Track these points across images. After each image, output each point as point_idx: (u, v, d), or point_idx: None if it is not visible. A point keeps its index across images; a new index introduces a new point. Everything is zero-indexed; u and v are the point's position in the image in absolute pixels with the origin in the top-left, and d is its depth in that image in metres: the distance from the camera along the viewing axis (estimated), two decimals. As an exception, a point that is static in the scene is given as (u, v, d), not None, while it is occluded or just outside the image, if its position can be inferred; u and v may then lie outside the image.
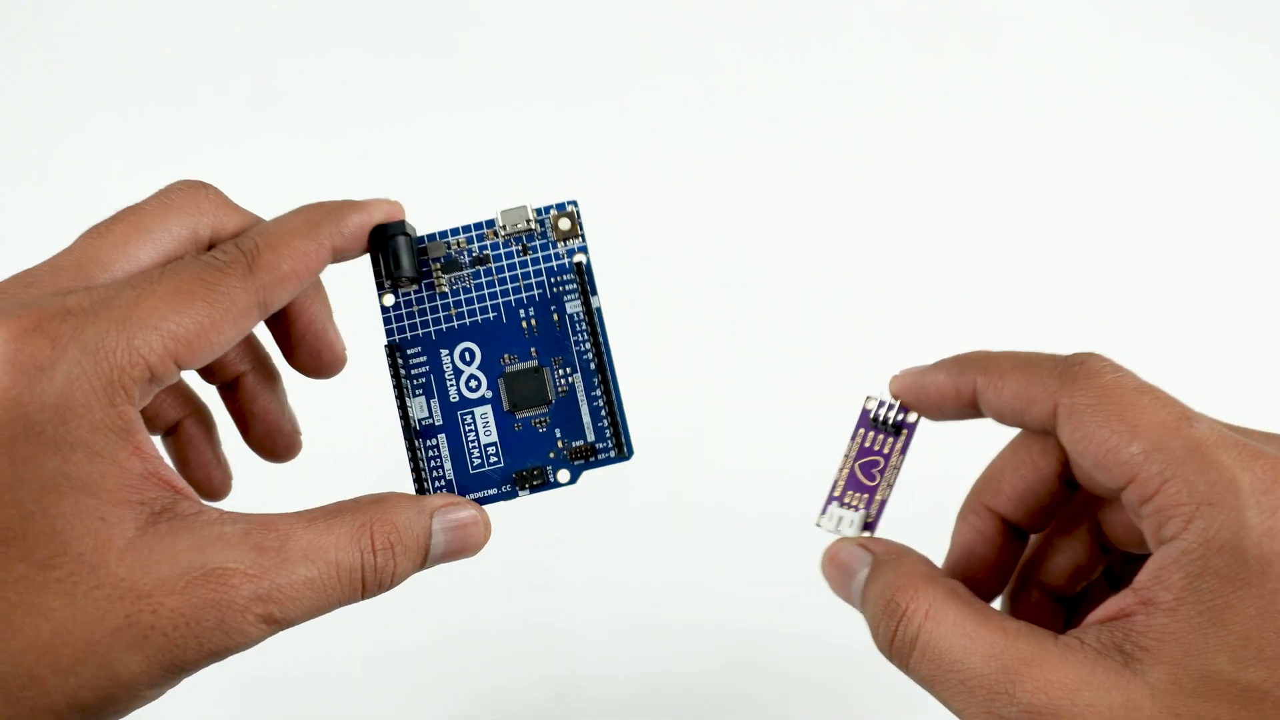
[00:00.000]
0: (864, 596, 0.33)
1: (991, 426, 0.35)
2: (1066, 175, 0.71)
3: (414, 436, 0.36)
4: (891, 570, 0.33)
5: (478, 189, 0.70)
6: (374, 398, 0.42)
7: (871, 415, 0.36)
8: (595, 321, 0.36)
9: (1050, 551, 0.36)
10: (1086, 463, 0.31)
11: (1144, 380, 0.31)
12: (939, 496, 0.41)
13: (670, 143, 0.72)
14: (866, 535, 0.36)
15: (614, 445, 0.36)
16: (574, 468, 0.36)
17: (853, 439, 0.36)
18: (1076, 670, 0.29)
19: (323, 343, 0.38)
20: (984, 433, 0.36)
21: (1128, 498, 0.30)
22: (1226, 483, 0.28)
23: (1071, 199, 0.70)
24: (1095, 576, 0.37)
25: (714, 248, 0.70)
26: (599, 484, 0.37)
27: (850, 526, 0.36)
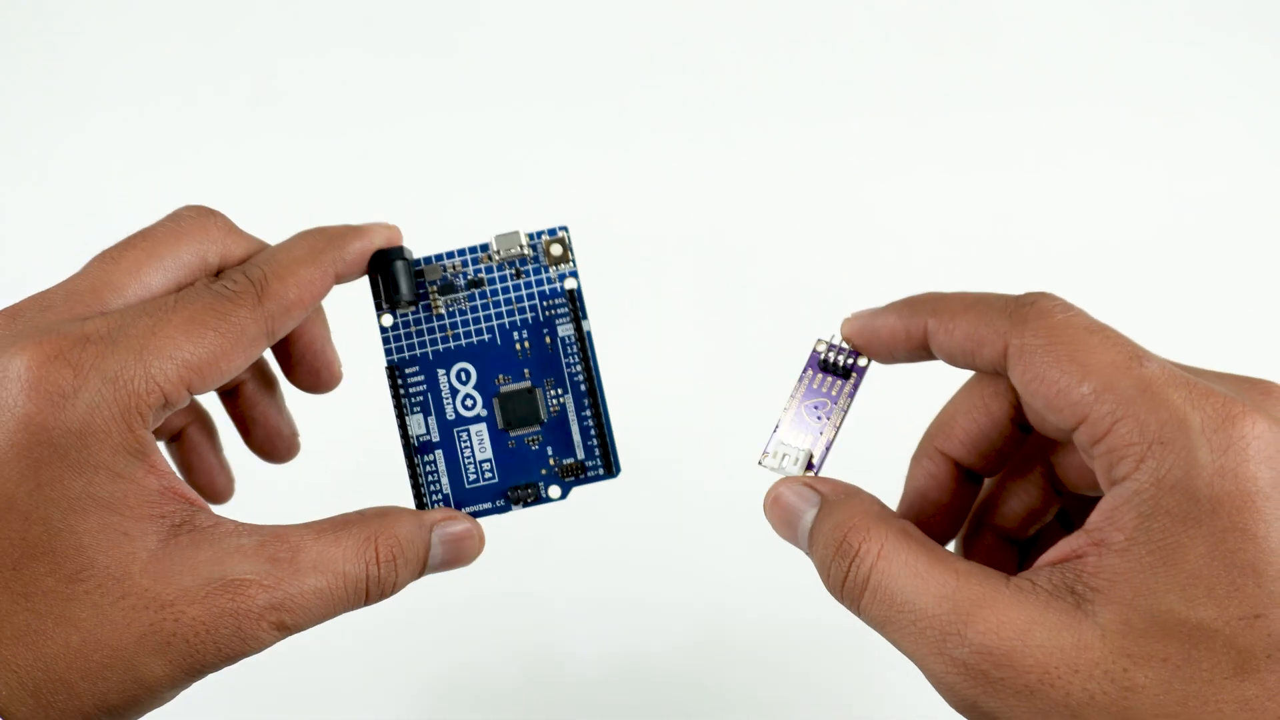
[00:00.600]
0: (812, 537, 0.33)
1: (945, 370, 0.34)
2: (1066, 175, 0.71)
3: (413, 452, 0.37)
4: (842, 510, 0.32)
5: (477, 189, 0.71)
6: (373, 411, 0.43)
7: (821, 358, 0.36)
8: (586, 345, 0.37)
9: (1003, 495, 0.36)
10: (1037, 404, 0.31)
11: (1095, 319, 0.31)
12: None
13: (668, 144, 0.73)
14: (811, 475, 0.35)
15: (603, 463, 0.37)
16: (564, 484, 0.37)
17: (800, 380, 0.36)
18: (1028, 611, 0.28)
19: (321, 362, 0.40)
20: (938, 377, 0.36)
21: (1079, 438, 0.30)
22: (1177, 422, 0.28)
23: (1071, 198, 0.71)
24: (1048, 519, 0.36)
25: (709, 251, 0.70)
26: (586, 492, 0.38)
27: (794, 465, 0.35)
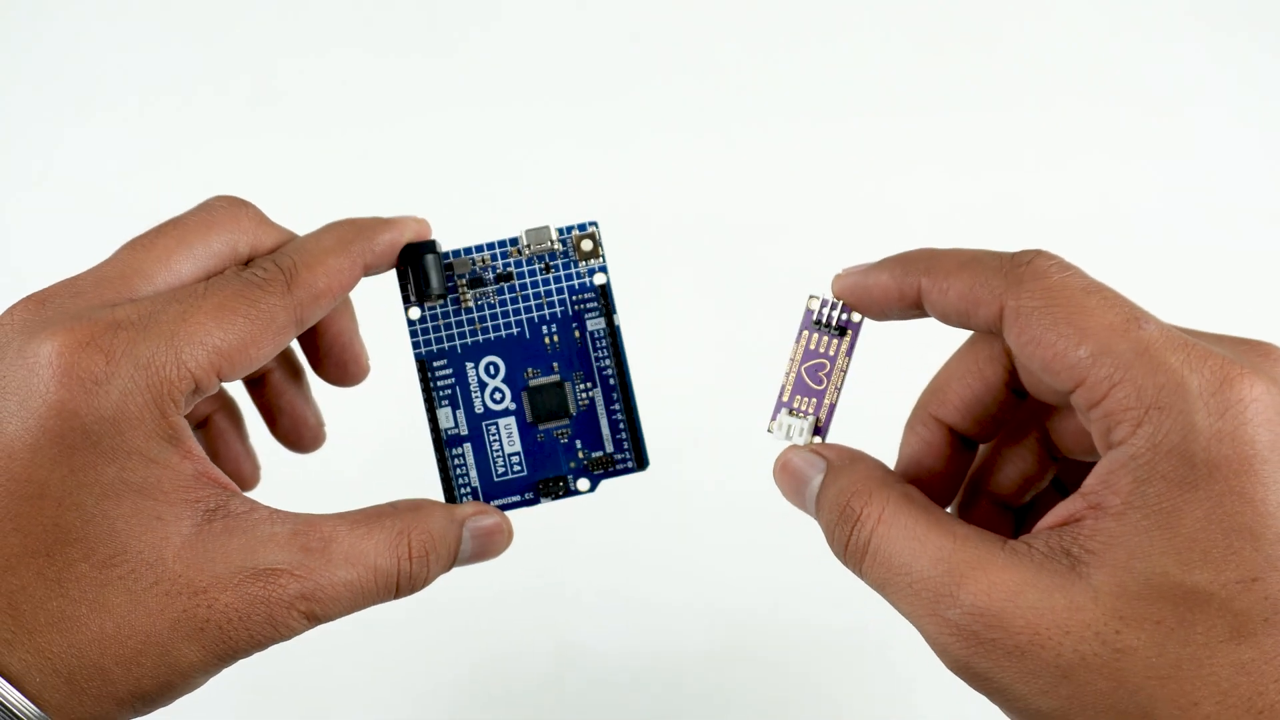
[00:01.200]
0: (818, 502, 0.33)
1: (942, 329, 0.34)
2: (1067, 173, 0.71)
3: (443, 446, 0.37)
4: (846, 475, 0.33)
5: (477, 189, 0.71)
6: (399, 403, 0.43)
7: (815, 316, 0.35)
8: (616, 339, 0.37)
9: (999, 461, 0.36)
10: (1034, 366, 0.30)
11: (1092, 279, 0.30)
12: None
13: (673, 141, 0.73)
14: (818, 441, 0.35)
15: (633, 456, 0.37)
16: (593, 477, 0.37)
17: (797, 342, 0.36)
18: (1021, 573, 0.29)
19: (349, 355, 0.40)
20: (934, 337, 0.36)
21: (1076, 401, 0.30)
22: (1175, 385, 0.28)
23: (1071, 197, 0.71)
24: (1044, 485, 0.36)
25: (735, 243, 0.70)
26: (613, 485, 0.38)
27: (800, 434, 0.35)
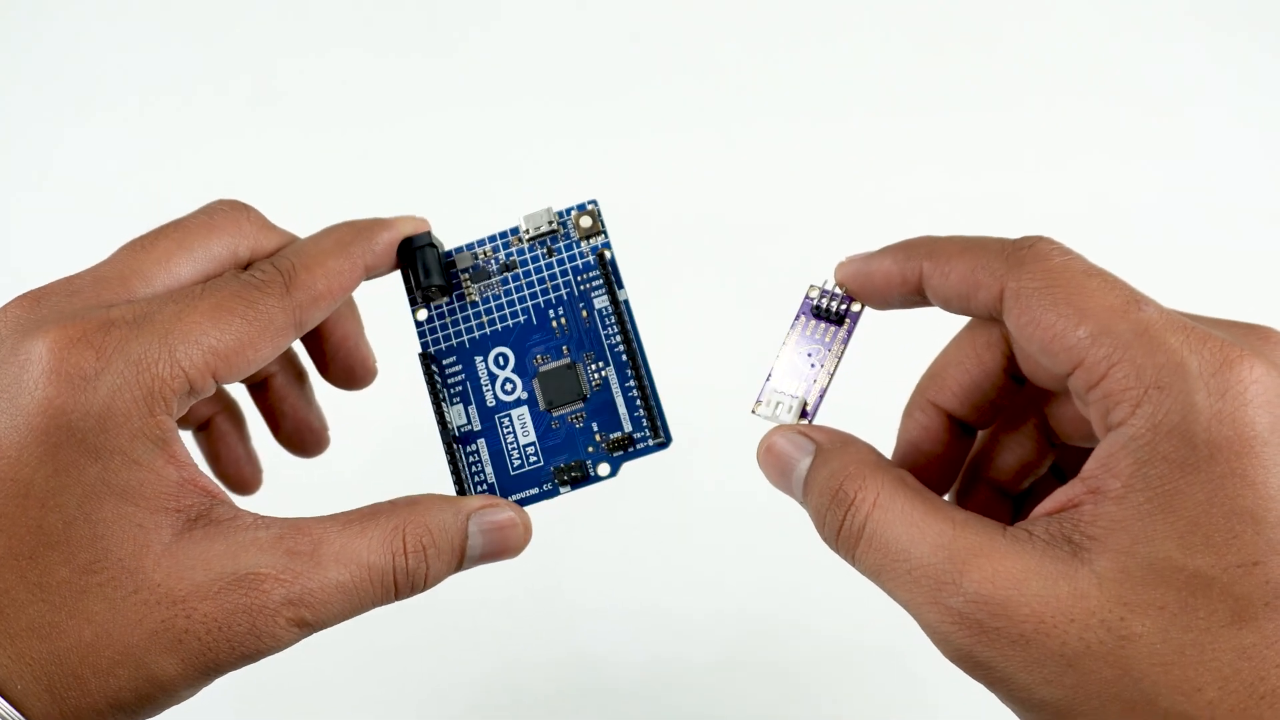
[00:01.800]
0: (807, 486, 0.32)
1: (942, 317, 0.34)
2: (1067, 172, 0.70)
3: (453, 444, 0.36)
4: (838, 458, 0.32)
5: (478, 189, 0.70)
6: (407, 403, 0.43)
7: (814, 304, 0.35)
8: (623, 313, 0.36)
9: (997, 447, 0.36)
10: (1033, 348, 0.30)
11: (1093, 263, 0.30)
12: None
13: (673, 140, 0.72)
14: (805, 423, 0.34)
15: (651, 433, 0.36)
16: (613, 460, 0.36)
17: (792, 327, 0.35)
18: (1024, 560, 0.28)
19: (355, 358, 0.39)
20: (934, 325, 0.35)
21: (1075, 383, 0.29)
22: (1175, 366, 0.27)
23: (1071, 196, 0.70)
24: (1042, 472, 0.36)
25: (725, 247, 0.69)
26: (622, 482, 0.37)
27: (788, 413, 0.34)
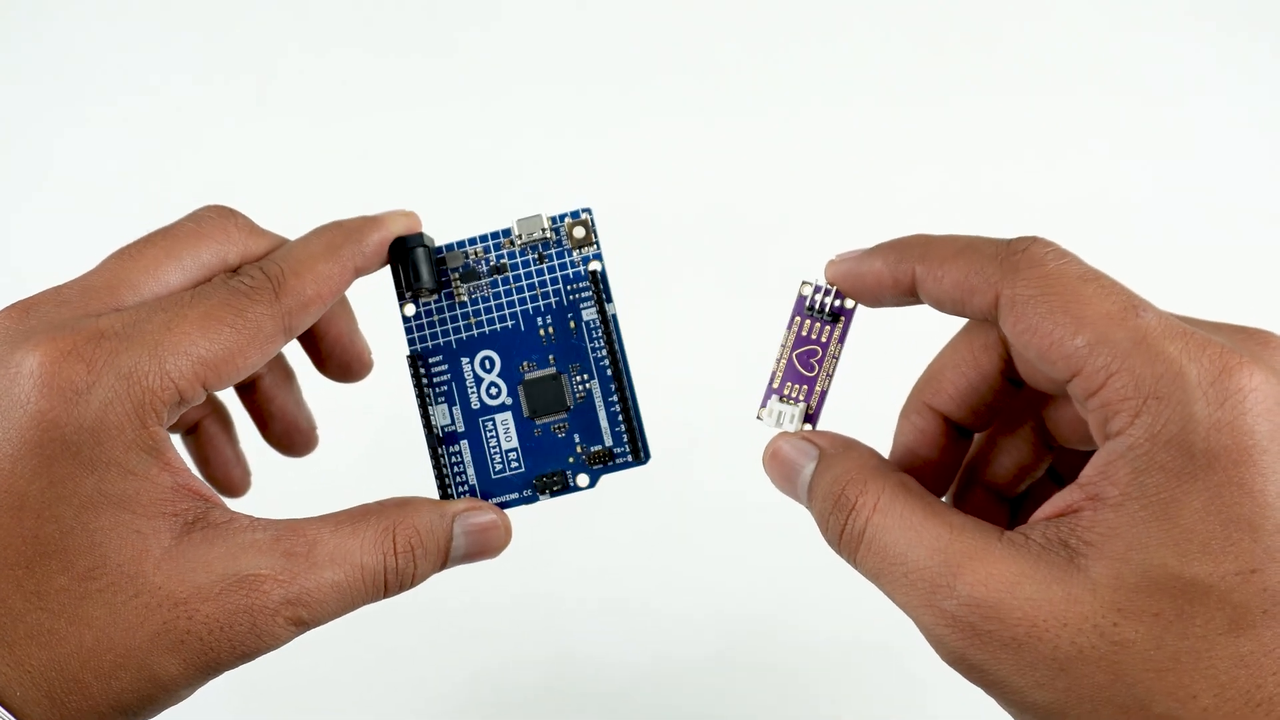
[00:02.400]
0: (811, 491, 0.33)
1: (937, 316, 0.34)
2: (1067, 169, 0.71)
3: (437, 443, 0.37)
4: (840, 463, 0.32)
5: (479, 188, 0.70)
6: (395, 401, 0.42)
7: (808, 302, 0.35)
8: (611, 329, 0.36)
9: (994, 450, 0.36)
10: (1030, 355, 0.30)
11: (1090, 267, 0.30)
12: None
13: (671, 136, 0.72)
14: (808, 429, 0.35)
15: (631, 450, 0.36)
16: (593, 472, 0.36)
17: (789, 328, 0.35)
18: (1019, 564, 0.28)
19: (351, 354, 0.40)
20: (934, 325, 0.35)
21: (1073, 391, 0.29)
22: (1173, 375, 0.27)
23: (1070, 193, 0.70)
24: (1039, 475, 0.36)
25: (722, 243, 0.70)
26: (615, 483, 0.37)
27: (791, 421, 0.35)
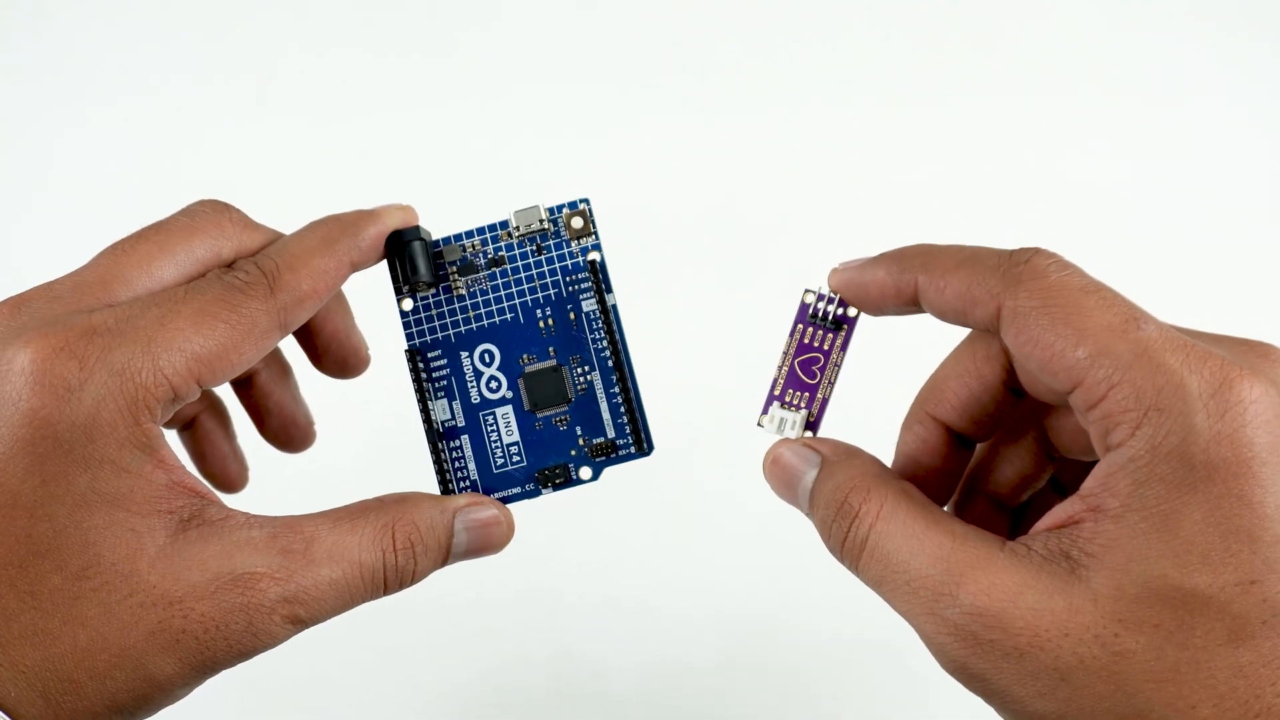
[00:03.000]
0: (813, 498, 0.33)
1: (939, 325, 0.34)
2: (1067, 170, 0.70)
3: (437, 438, 0.36)
4: (843, 471, 0.32)
5: (479, 188, 0.70)
6: (394, 396, 0.42)
7: (810, 310, 0.35)
8: (611, 319, 0.36)
9: (996, 460, 0.36)
10: (1032, 366, 0.30)
11: (1091, 278, 0.30)
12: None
13: (672, 135, 0.72)
14: (809, 436, 0.35)
15: (634, 442, 0.36)
16: (595, 465, 0.36)
17: (791, 335, 0.35)
18: (1021, 574, 0.28)
19: (348, 350, 0.39)
20: (935, 334, 0.35)
21: (1074, 402, 0.29)
22: (1174, 387, 0.27)
23: (1070, 193, 0.70)
24: (1041, 485, 0.36)
25: (723, 243, 0.69)
26: (615, 481, 0.37)
27: (793, 428, 0.35)
